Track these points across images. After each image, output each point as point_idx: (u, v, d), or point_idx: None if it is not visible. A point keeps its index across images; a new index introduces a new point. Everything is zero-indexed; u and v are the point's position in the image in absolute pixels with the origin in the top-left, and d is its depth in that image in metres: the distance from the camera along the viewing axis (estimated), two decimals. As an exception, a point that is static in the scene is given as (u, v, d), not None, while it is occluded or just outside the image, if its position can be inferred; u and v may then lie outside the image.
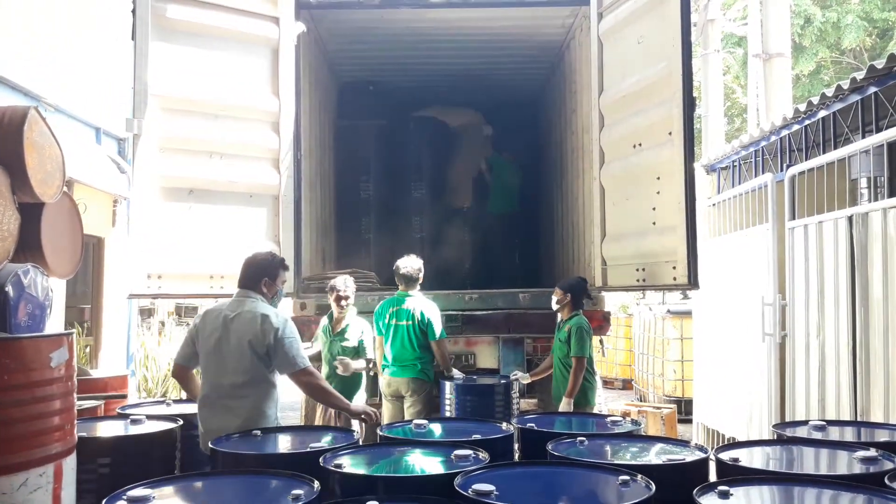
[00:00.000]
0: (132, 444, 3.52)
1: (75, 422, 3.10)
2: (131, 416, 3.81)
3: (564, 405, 5.11)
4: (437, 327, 5.52)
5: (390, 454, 3.25)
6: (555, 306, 5.42)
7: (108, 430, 3.78)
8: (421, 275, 5.64)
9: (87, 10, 7.47)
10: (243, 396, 3.66)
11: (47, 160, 3.74)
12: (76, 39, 7.22)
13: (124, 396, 5.38)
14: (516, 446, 3.57)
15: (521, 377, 5.56)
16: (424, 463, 3.11)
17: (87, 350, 7.61)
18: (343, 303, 5.44)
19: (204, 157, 5.55)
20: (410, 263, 5.62)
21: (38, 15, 6.55)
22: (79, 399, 3.91)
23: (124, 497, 2.47)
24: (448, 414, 5.22)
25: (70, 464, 3.00)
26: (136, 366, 8.69)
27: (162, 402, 4.71)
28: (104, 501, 2.43)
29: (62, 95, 6.67)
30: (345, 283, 5.50)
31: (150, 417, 3.82)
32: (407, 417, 5.47)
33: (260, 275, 3.87)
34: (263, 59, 5.79)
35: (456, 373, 5.58)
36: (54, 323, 6.04)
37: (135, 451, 3.46)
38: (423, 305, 5.55)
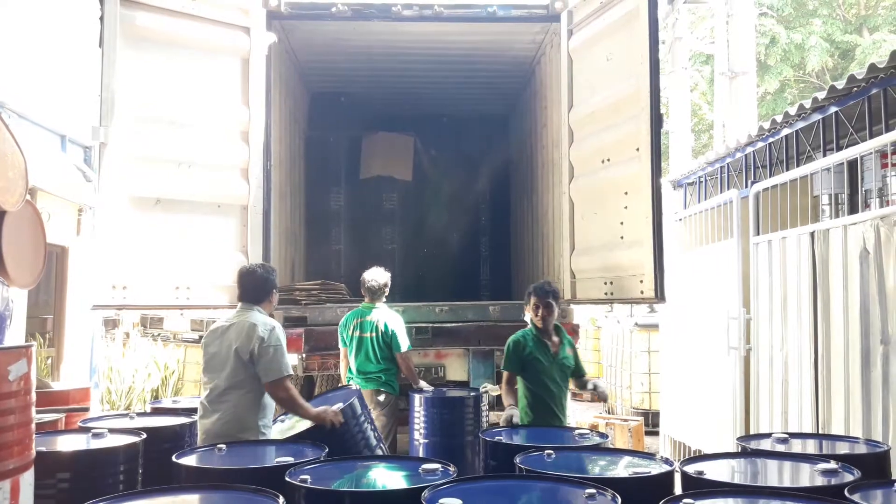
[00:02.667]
0: (93, 458, 3.44)
1: (34, 436, 3.03)
2: (93, 430, 3.72)
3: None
4: (402, 339, 5.50)
5: (357, 468, 3.22)
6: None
7: (68, 443, 3.69)
8: (387, 288, 5.64)
9: (53, 16, 7.37)
10: (225, 401, 3.83)
11: (10, 167, 3.68)
12: (42, 45, 7.11)
13: (86, 409, 5.28)
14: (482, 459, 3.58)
15: (492, 389, 5.56)
16: (391, 477, 3.09)
17: (49, 361, 7.45)
18: None
19: (172, 166, 5.49)
20: (376, 276, 5.62)
21: (2, 20, 6.44)
22: (39, 412, 3.82)
23: (84, 513, 2.42)
24: (417, 427, 5.21)
25: (28, 479, 2.92)
26: (100, 378, 8.53)
27: (125, 415, 4.62)
28: (63, 517, 2.38)
29: (27, 102, 6.55)
30: None
31: (112, 431, 3.74)
32: None
33: (269, 287, 4.11)
34: (234, 68, 5.77)
35: (424, 385, 5.56)
36: (15, 333, 5.92)
37: (96, 465, 3.38)
38: (387, 317, 5.53)
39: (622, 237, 5.59)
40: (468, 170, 9.31)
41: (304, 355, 6.04)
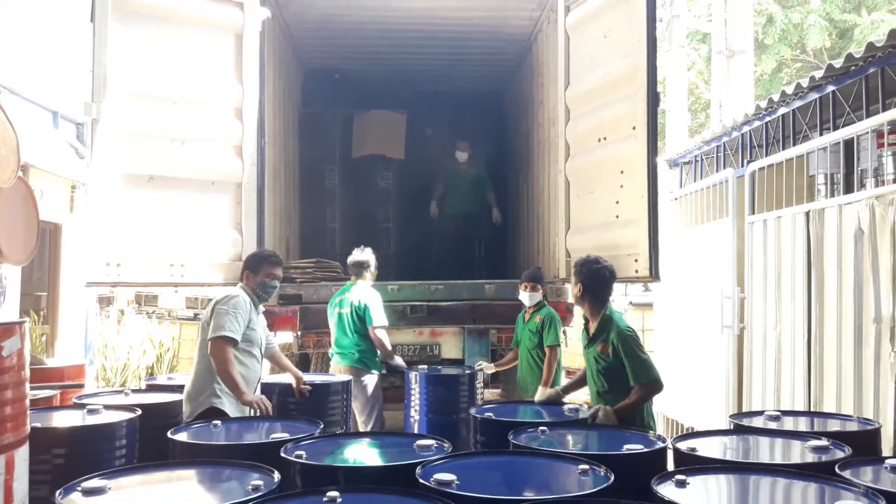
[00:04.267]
0: (88, 434, 3.45)
1: (28, 412, 3.03)
2: (88, 406, 3.73)
3: (540, 394, 4.99)
4: (375, 314, 5.50)
5: (352, 444, 3.24)
6: (532, 301, 5.42)
7: (63, 420, 3.70)
8: (370, 265, 5.67)
9: (44, -10, 7.28)
10: (195, 366, 4.10)
11: (1, 144, 3.64)
12: (33, 21, 7.02)
13: (81, 386, 5.29)
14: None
15: (486, 367, 5.58)
16: (386, 453, 3.11)
17: (44, 339, 7.45)
18: None
19: (165, 143, 5.44)
20: (356, 254, 5.72)
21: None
22: (34, 389, 3.82)
23: (79, 488, 2.43)
24: (413, 404, 5.23)
25: (22, 455, 2.93)
26: (95, 355, 8.53)
27: (120, 391, 4.63)
28: (58, 492, 2.38)
29: (18, 78, 6.49)
30: None
31: (107, 407, 3.75)
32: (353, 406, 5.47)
33: (247, 263, 4.37)
34: (227, 44, 5.69)
35: (399, 360, 5.59)
36: (9, 310, 5.91)
37: (91, 441, 3.40)
38: (363, 293, 5.56)
39: (618, 216, 5.58)
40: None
41: (299, 333, 6.06)
